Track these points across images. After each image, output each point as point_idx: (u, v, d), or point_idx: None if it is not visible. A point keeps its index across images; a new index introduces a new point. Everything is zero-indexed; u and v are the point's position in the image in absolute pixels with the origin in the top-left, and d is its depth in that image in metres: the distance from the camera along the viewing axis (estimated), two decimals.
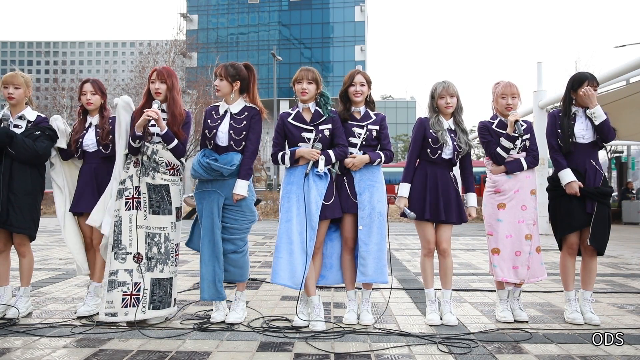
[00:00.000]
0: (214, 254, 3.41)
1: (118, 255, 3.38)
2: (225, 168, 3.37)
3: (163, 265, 3.43)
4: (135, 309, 3.31)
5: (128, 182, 3.48)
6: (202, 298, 3.46)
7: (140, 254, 3.39)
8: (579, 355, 2.83)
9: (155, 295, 3.38)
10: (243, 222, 3.49)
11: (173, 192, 3.52)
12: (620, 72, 9.01)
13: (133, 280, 3.36)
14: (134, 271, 3.36)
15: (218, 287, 3.41)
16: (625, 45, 18.14)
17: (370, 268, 3.43)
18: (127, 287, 3.34)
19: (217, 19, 60.04)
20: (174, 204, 3.52)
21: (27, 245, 3.68)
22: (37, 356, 2.77)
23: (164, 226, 3.46)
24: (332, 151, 3.47)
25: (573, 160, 3.55)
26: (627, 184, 18.55)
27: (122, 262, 3.37)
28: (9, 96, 3.65)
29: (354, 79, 3.58)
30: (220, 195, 3.44)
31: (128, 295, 3.33)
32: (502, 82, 3.71)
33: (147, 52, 29.93)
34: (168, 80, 3.55)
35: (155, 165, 3.48)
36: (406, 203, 3.56)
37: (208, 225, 3.41)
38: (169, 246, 3.46)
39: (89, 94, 3.74)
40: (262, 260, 6.87)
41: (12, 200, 3.52)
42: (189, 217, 17.21)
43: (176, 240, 3.55)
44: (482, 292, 4.62)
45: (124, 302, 3.31)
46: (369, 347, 2.97)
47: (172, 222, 3.50)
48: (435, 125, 3.59)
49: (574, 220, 3.52)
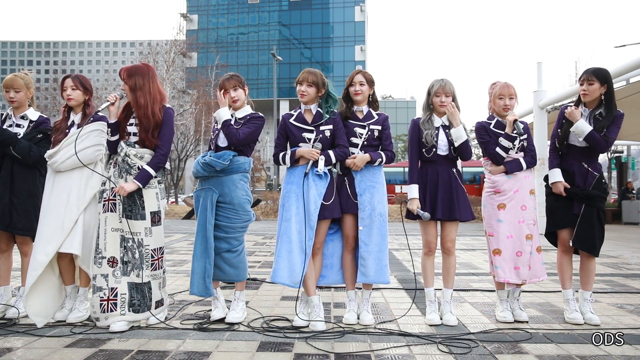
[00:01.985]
0: (206, 250, 3.42)
1: (96, 260, 3.33)
2: (216, 162, 3.38)
3: (139, 270, 3.33)
4: (114, 313, 3.25)
5: (108, 184, 3.40)
6: (191, 292, 3.47)
7: (115, 257, 3.32)
8: (579, 355, 2.83)
9: (134, 298, 3.31)
10: (236, 220, 3.48)
11: (147, 196, 3.39)
12: (620, 72, 9.01)
13: (109, 285, 3.29)
14: (110, 276, 3.30)
15: (207, 282, 3.42)
16: (625, 45, 18.13)
17: (371, 269, 3.44)
18: (103, 292, 3.28)
19: (217, 19, 60.07)
20: (148, 209, 3.38)
21: (30, 245, 3.68)
22: (37, 356, 2.77)
23: (137, 232, 3.34)
24: (332, 151, 3.47)
25: (565, 161, 3.59)
26: (627, 184, 18.54)
27: (99, 267, 3.32)
28: (11, 100, 3.65)
29: (353, 79, 3.60)
30: (214, 192, 3.45)
31: (105, 300, 3.27)
32: (499, 83, 3.71)
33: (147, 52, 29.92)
34: (129, 81, 3.40)
35: (128, 167, 3.38)
36: (418, 204, 3.55)
37: (202, 221, 3.44)
38: (142, 252, 3.34)
39: (69, 89, 3.59)
40: (262, 260, 6.87)
41: (15, 203, 3.53)
42: (189, 218, 17.23)
43: (154, 245, 3.39)
44: (482, 292, 4.62)
45: (102, 307, 3.27)
46: (369, 347, 2.97)
47: (146, 228, 3.36)
48: (425, 124, 3.60)
49: (557, 218, 3.59)
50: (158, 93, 3.48)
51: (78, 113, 3.68)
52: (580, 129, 3.45)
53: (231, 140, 3.46)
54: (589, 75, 3.49)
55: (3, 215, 3.49)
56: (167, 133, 3.47)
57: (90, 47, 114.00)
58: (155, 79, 3.51)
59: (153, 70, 3.55)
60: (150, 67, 3.56)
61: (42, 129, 3.69)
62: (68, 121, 3.67)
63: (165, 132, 3.46)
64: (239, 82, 3.57)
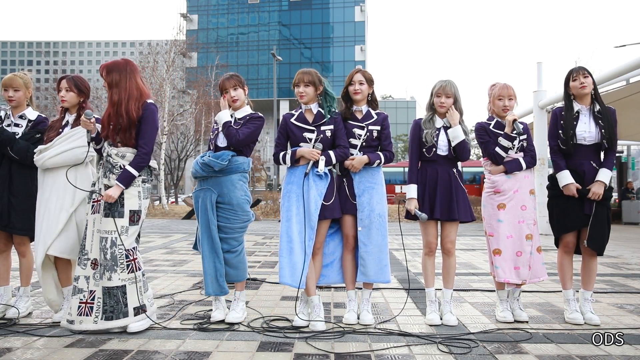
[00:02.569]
0: (213, 249, 3.42)
1: (81, 261, 3.29)
2: (215, 162, 3.38)
3: (110, 273, 3.17)
4: (88, 318, 3.18)
5: (97, 185, 3.38)
6: (206, 293, 3.47)
7: (97, 259, 3.27)
8: (579, 355, 2.83)
9: (106, 305, 3.17)
10: (235, 221, 3.48)
11: (128, 194, 3.26)
12: (620, 72, 9.01)
13: (89, 288, 3.23)
14: (91, 278, 3.25)
15: (220, 281, 3.42)
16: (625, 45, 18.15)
17: (371, 269, 3.44)
18: (83, 294, 3.22)
19: (217, 19, 60.07)
20: (128, 207, 3.26)
21: (27, 245, 3.68)
22: (37, 356, 2.77)
23: (112, 230, 3.21)
24: (332, 152, 3.47)
25: (572, 161, 3.54)
26: (627, 184, 18.53)
27: (83, 268, 3.27)
28: (9, 99, 3.65)
29: (352, 78, 3.60)
30: (213, 192, 3.45)
31: (83, 303, 3.20)
32: (499, 84, 3.72)
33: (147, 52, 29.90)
34: (107, 78, 3.30)
35: (110, 167, 3.29)
36: (416, 205, 3.55)
37: (204, 222, 3.44)
38: (115, 252, 3.19)
39: (63, 91, 3.56)
40: (262, 260, 6.87)
41: (14, 203, 3.53)
42: (189, 218, 17.23)
43: (128, 245, 3.24)
44: (482, 292, 4.62)
45: (79, 310, 3.20)
46: (369, 347, 2.97)
47: (122, 226, 3.23)
48: (427, 123, 3.61)
49: (570, 220, 3.53)
50: (136, 89, 3.31)
51: (73, 113, 3.66)
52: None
53: (231, 141, 3.46)
54: (582, 70, 3.54)
55: (2, 215, 3.50)
56: (148, 130, 3.29)
57: (90, 47, 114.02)
58: (134, 75, 3.34)
59: (132, 65, 3.39)
60: (130, 62, 3.41)
61: (41, 129, 3.68)
62: (63, 121, 3.65)
63: (146, 130, 3.29)
64: (239, 81, 3.58)
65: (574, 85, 3.56)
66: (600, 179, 3.46)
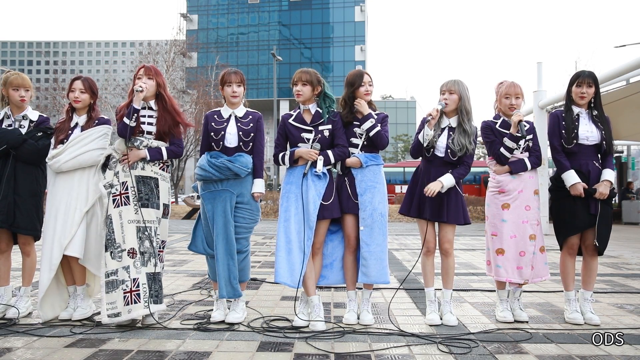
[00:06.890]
0: (228, 251, 3.42)
1: (115, 255, 3.33)
2: (242, 169, 3.44)
3: (155, 259, 3.39)
4: (138, 305, 3.26)
5: (114, 180, 3.43)
6: (220, 296, 3.46)
7: (134, 249, 3.35)
8: (579, 355, 2.83)
9: (152, 290, 3.34)
10: (250, 220, 3.54)
11: (162, 188, 3.51)
12: (620, 72, 9.02)
13: (131, 277, 3.31)
14: (131, 267, 3.32)
15: (234, 284, 3.43)
16: (625, 45, 18.17)
17: (372, 269, 3.44)
18: (126, 284, 3.29)
19: (217, 19, 60.03)
20: (162, 200, 3.50)
21: (32, 245, 3.70)
22: (37, 356, 2.77)
23: (152, 220, 3.42)
24: (331, 152, 3.47)
25: (576, 161, 3.54)
26: (627, 184, 18.54)
27: (119, 260, 3.32)
28: (22, 99, 3.64)
29: (363, 79, 3.56)
30: (232, 194, 3.46)
31: (128, 292, 3.28)
32: (506, 82, 3.71)
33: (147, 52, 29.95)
34: (158, 78, 3.53)
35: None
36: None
37: (222, 224, 3.42)
38: (154, 241, 3.42)
39: (77, 92, 3.59)
40: (262, 260, 6.87)
41: (18, 202, 3.53)
42: (189, 218, 17.22)
43: (162, 237, 3.51)
44: (482, 292, 4.63)
45: (125, 300, 3.27)
46: (369, 347, 2.97)
47: (157, 218, 3.46)
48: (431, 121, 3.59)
49: (579, 221, 3.51)
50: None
51: (82, 115, 3.67)
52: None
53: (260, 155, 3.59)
54: (589, 79, 3.53)
55: (7, 215, 3.49)
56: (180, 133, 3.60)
57: (90, 47, 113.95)
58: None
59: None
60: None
61: (42, 128, 3.68)
62: (71, 122, 3.65)
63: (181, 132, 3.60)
64: (243, 79, 3.62)
65: (576, 91, 3.57)
66: (607, 178, 3.48)
